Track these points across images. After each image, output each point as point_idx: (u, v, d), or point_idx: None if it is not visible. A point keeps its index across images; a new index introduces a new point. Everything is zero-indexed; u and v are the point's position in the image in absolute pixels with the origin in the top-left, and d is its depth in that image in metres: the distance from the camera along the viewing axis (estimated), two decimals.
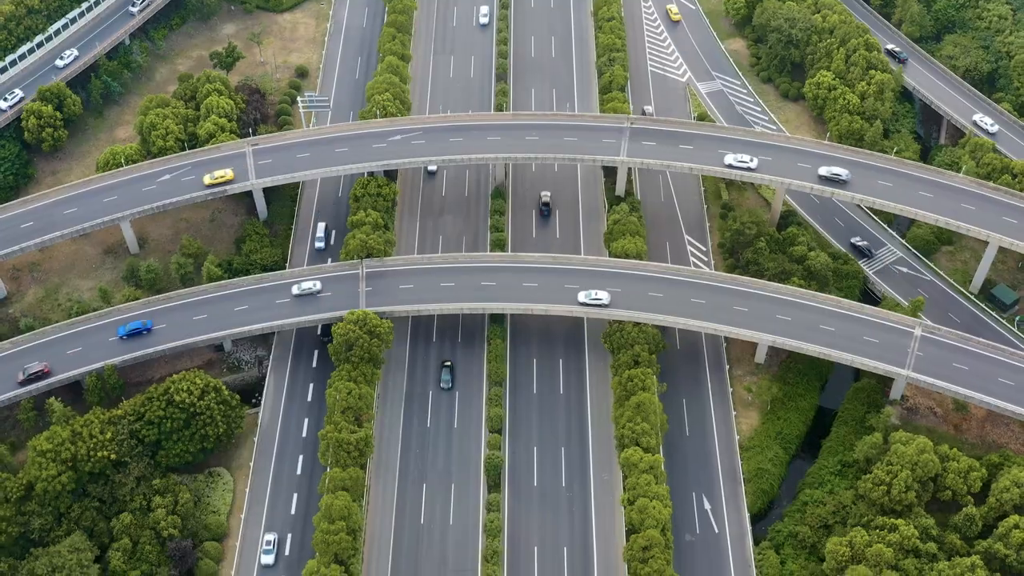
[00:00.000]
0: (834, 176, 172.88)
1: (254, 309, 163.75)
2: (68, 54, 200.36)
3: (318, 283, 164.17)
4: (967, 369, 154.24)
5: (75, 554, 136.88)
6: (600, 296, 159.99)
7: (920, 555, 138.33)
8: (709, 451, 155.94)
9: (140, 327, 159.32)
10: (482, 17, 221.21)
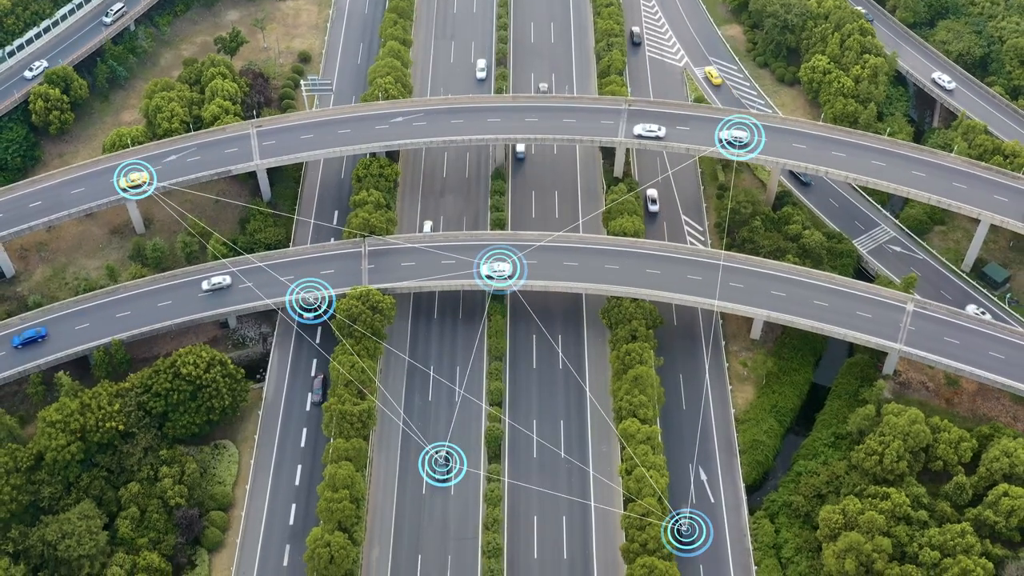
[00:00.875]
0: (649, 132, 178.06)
1: (258, 286, 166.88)
2: None
3: (228, 278, 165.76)
4: (958, 343, 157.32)
5: (84, 521, 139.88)
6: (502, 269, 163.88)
7: (911, 522, 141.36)
8: (705, 424, 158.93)
9: (34, 336, 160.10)
10: None
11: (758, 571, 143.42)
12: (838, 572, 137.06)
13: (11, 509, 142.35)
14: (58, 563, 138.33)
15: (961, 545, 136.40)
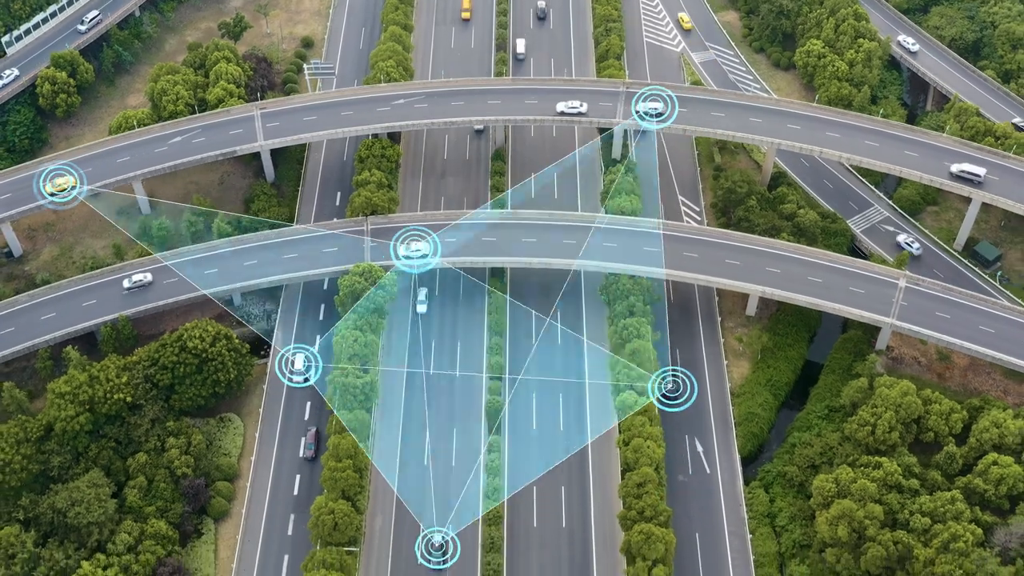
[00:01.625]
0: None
1: (263, 264, 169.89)
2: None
3: (149, 275, 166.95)
4: (949, 318, 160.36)
5: (93, 489, 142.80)
6: None
7: (903, 491, 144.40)
8: (701, 398, 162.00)
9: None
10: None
11: (753, 539, 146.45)
12: (831, 538, 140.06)
13: (21, 478, 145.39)
14: (68, 530, 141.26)
15: (951, 512, 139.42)
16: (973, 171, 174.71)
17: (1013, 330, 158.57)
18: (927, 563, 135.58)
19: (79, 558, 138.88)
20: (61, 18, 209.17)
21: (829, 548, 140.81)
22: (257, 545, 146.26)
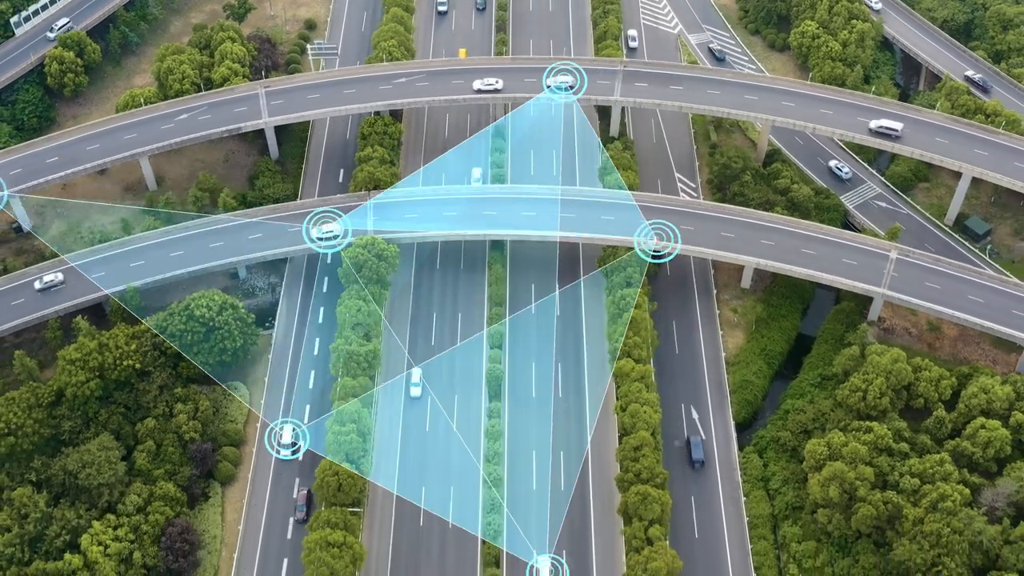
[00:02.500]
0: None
1: (268, 237, 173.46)
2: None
3: (60, 275, 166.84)
4: (939, 288, 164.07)
5: (104, 452, 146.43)
6: None
7: (893, 454, 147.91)
8: (697, 367, 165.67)
9: None
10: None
11: (747, 502, 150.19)
12: (823, 499, 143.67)
13: (33, 441, 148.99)
14: (79, 491, 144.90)
15: (940, 473, 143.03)
16: (891, 126, 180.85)
17: (1000, 299, 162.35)
18: (916, 522, 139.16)
19: (90, 518, 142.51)
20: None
21: (821, 509, 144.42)
22: (263, 508, 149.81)
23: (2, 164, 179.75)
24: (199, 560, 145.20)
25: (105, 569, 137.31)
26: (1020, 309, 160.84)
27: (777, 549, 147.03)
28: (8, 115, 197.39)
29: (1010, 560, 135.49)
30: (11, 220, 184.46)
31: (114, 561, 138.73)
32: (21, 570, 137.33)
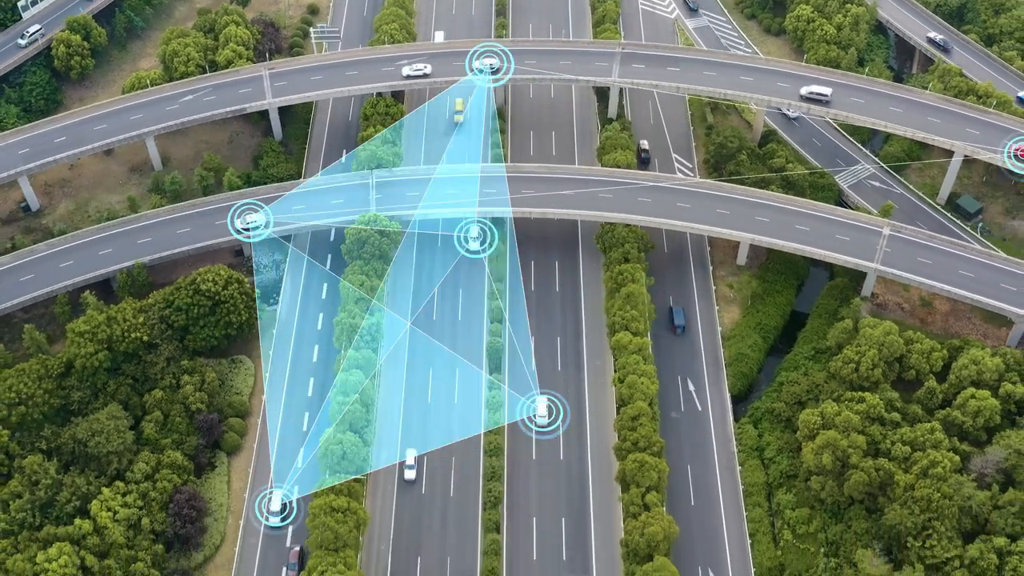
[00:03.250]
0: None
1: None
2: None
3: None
4: (931, 263, 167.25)
5: (113, 421, 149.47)
6: None
7: (885, 423, 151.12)
8: (693, 341, 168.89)
9: None
10: None
11: (742, 471, 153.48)
12: (816, 467, 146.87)
13: (43, 411, 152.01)
14: (88, 459, 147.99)
15: (930, 441, 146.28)
16: (820, 91, 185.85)
17: (990, 274, 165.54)
18: (907, 488, 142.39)
19: (99, 485, 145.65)
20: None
21: (814, 476, 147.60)
22: (268, 477, 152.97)
23: (11, 144, 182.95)
24: (206, 527, 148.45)
25: (114, 534, 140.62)
26: (1009, 283, 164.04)
27: (772, 516, 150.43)
28: (16, 97, 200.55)
29: (999, 524, 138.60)
30: (20, 199, 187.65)
31: (123, 526, 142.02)
32: (33, 534, 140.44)
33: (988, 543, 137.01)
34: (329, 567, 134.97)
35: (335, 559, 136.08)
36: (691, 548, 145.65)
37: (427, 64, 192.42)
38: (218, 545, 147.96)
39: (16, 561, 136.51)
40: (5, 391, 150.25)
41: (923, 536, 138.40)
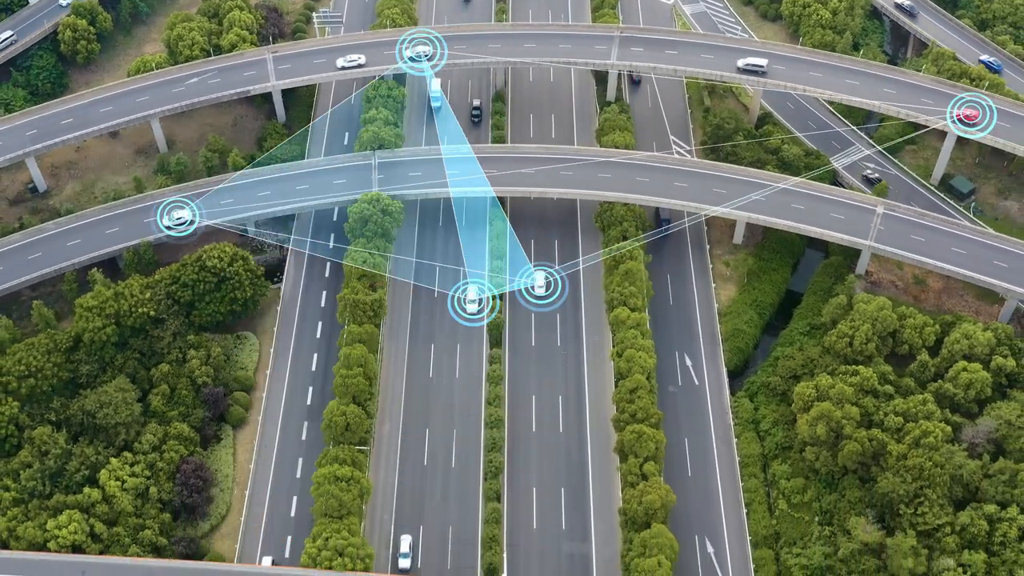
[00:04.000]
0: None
1: (275, 194, 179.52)
2: None
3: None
4: (924, 240, 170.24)
5: (121, 393, 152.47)
6: None
7: (878, 395, 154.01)
8: (690, 317, 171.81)
9: None
10: None
11: (739, 443, 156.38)
12: (810, 438, 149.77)
13: (52, 384, 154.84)
14: (96, 430, 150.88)
15: (923, 412, 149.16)
16: (756, 63, 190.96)
17: (982, 251, 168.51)
18: (899, 457, 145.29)
19: (108, 455, 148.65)
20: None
21: (809, 447, 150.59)
22: (273, 449, 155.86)
23: (19, 125, 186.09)
24: (212, 496, 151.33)
25: (123, 502, 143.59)
26: (1001, 260, 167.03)
27: (767, 486, 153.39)
28: (23, 80, 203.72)
29: (989, 492, 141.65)
30: (27, 181, 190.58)
31: (131, 495, 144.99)
32: (43, 502, 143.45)
33: (978, 510, 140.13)
34: (333, 534, 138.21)
35: (339, 526, 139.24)
36: (688, 518, 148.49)
37: (361, 55, 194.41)
38: (224, 515, 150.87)
39: (27, 528, 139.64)
40: (15, 364, 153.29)
41: (915, 503, 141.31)
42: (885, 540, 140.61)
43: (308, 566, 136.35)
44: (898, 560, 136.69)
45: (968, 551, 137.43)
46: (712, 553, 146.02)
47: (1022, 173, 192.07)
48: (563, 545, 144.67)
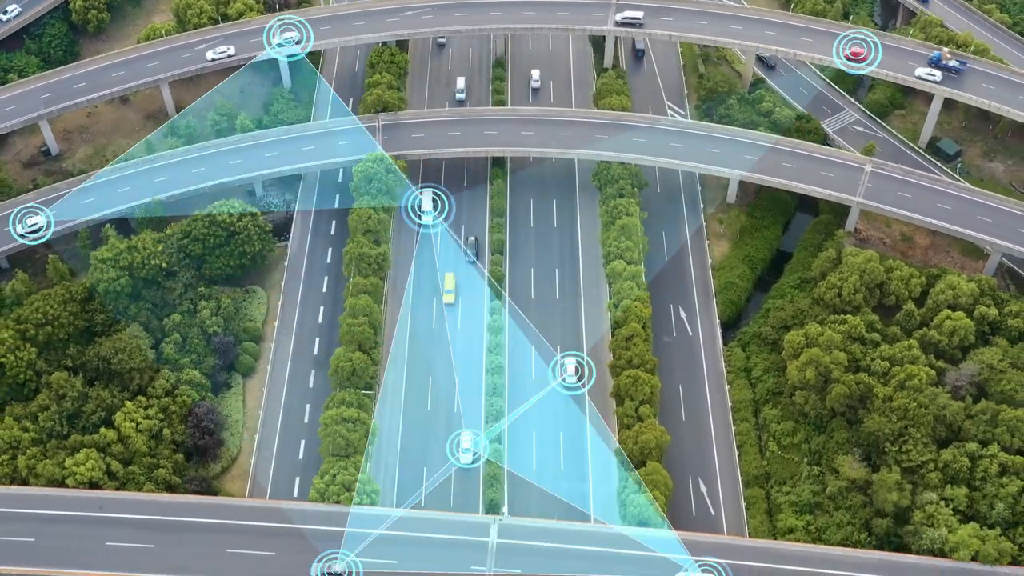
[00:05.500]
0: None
1: (282, 155, 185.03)
2: None
3: None
4: (910, 197, 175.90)
5: (134, 340, 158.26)
6: None
7: (865, 342, 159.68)
8: (685, 272, 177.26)
9: None
10: None
11: (731, 389, 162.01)
12: (800, 382, 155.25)
13: (68, 332, 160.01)
14: (111, 375, 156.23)
15: (908, 357, 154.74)
16: (633, 15, 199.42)
17: (967, 207, 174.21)
18: (885, 399, 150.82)
19: (123, 398, 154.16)
20: None
21: (798, 391, 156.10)
22: (281, 396, 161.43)
23: (33, 89, 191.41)
24: (223, 440, 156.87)
25: (137, 443, 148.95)
26: (985, 215, 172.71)
27: (758, 430, 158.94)
28: (36, 48, 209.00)
29: (971, 431, 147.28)
30: (40, 144, 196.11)
31: (145, 436, 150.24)
32: (61, 442, 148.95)
33: (961, 448, 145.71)
34: (341, 470, 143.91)
35: (346, 463, 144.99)
36: (682, 460, 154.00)
37: (230, 46, 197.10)
38: (234, 457, 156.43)
39: (46, 466, 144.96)
40: (32, 312, 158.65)
41: (900, 442, 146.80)
42: (871, 477, 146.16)
43: (316, 500, 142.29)
44: (883, 494, 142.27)
45: (950, 486, 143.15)
46: (705, 492, 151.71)
47: (1007, 136, 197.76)
48: (561, 484, 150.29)
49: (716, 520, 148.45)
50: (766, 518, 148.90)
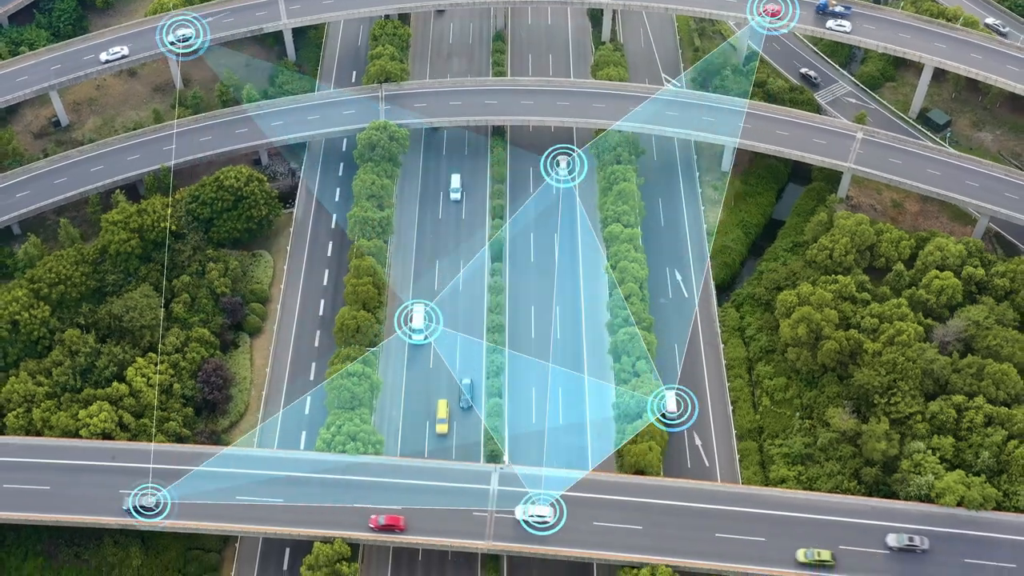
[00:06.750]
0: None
1: (288, 124, 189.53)
2: None
3: None
4: (901, 163, 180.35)
5: (145, 299, 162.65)
6: None
7: (856, 301, 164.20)
8: (680, 237, 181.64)
9: None
10: None
11: (725, 348, 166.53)
12: (792, 339, 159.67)
13: (80, 291, 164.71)
14: (123, 332, 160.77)
15: (897, 314, 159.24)
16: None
17: (956, 172, 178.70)
18: (875, 354, 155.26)
19: (134, 354, 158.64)
20: None
21: (791, 348, 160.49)
22: (288, 354, 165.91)
23: (44, 60, 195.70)
24: (231, 395, 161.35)
25: (148, 396, 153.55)
26: (972, 180, 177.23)
27: (752, 386, 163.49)
28: (46, 22, 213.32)
29: (957, 384, 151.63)
30: (51, 115, 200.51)
31: (156, 390, 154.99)
32: (74, 395, 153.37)
33: (947, 400, 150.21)
34: (346, 421, 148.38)
35: (352, 415, 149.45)
36: None
37: (123, 47, 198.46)
38: (242, 413, 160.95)
39: (60, 417, 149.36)
40: (45, 272, 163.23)
41: (888, 394, 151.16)
42: (860, 428, 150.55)
43: (322, 450, 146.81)
44: (872, 444, 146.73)
45: (937, 436, 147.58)
46: (700, 445, 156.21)
47: (996, 106, 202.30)
48: (560, 437, 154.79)
49: (711, 471, 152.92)
50: (759, 469, 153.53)
